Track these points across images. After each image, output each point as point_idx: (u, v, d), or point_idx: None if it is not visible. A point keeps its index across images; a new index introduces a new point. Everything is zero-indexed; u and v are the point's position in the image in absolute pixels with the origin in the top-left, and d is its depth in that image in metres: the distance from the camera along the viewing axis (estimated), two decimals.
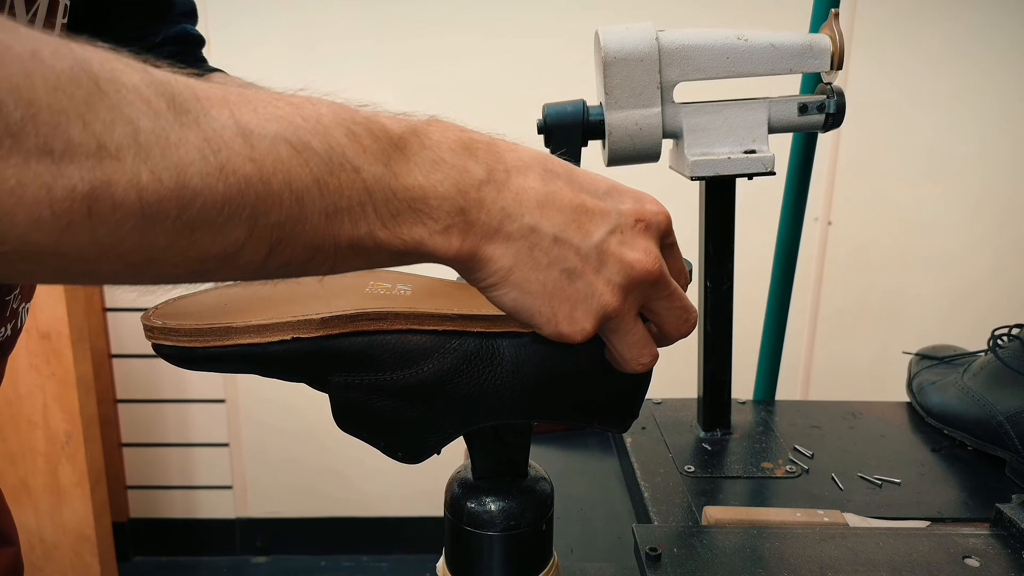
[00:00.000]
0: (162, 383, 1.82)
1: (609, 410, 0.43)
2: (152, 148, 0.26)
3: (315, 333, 0.39)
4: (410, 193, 0.32)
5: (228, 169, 0.28)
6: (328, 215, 0.31)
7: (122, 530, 1.87)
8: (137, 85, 0.27)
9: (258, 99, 0.30)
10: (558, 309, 0.36)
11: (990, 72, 1.59)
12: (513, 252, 0.34)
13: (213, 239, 0.28)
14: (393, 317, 0.40)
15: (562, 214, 0.35)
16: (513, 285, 0.35)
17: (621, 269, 0.36)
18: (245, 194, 0.28)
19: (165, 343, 0.39)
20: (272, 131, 0.29)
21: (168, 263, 0.28)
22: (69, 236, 0.25)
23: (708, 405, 0.76)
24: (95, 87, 0.25)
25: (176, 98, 0.27)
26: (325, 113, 0.31)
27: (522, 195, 0.34)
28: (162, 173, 0.26)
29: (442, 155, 0.33)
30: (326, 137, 0.30)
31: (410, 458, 0.43)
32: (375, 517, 1.91)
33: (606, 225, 0.36)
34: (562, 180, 0.35)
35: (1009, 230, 1.68)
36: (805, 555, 0.54)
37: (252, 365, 0.40)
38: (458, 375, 0.40)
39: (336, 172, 0.30)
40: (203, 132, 0.27)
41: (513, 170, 0.34)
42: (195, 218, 0.27)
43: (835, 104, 0.66)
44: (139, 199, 0.26)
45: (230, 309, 0.40)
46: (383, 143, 0.32)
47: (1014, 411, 0.69)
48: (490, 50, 1.60)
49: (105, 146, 0.25)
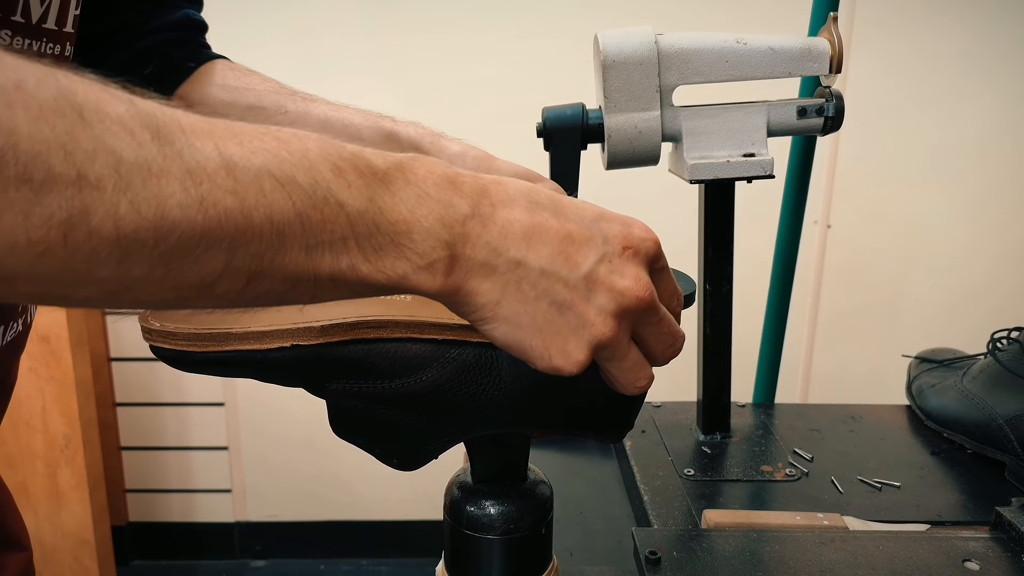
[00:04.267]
0: (161, 387, 1.82)
1: (605, 421, 0.43)
2: (133, 179, 0.26)
3: (315, 341, 0.39)
4: (394, 228, 0.32)
5: (209, 201, 0.28)
6: (309, 248, 0.31)
7: (121, 534, 1.86)
8: (121, 116, 0.27)
9: (244, 132, 0.30)
10: (551, 342, 0.35)
11: (990, 74, 1.60)
12: (500, 286, 0.34)
13: (190, 269, 0.28)
14: (393, 325, 0.40)
15: (549, 246, 0.34)
16: (502, 320, 0.35)
17: (612, 298, 0.35)
18: (224, 226, 0.28)
19: (164, 346, 0.39)
20: (256, 164, 0.29)
21: (144, 291, 0.29)
22: (44, 262, 0.25)
23: (707, 408, 0.76)
24: (78, 117, 0.25)
25: (161, 129, 0.27)
26: (311, 148, 0.31)
27: (508, 228, 0.34)
28: (141, 204, 0.26)
29: (427, 190, 0.33)
30: (311, 172, 0.30)
31: (406, 465, 0.43)
32: (374, 521, 1.91)
33: (594, 254, 0.35)
34: (548, 211, 0.35)
35: (1009, 233, 1.68)
36: (805, 558, 0.54)
37: (250, 370, 0.40)
38: (456, 385, 0.40)
39: (320, 206, 0.30)
40: (186, 164, 0.27)
41: (499, 204, 0.34)
42: (172, 248, 0.27)
43: (834, 107, 0.66)
44: (116, 229, 0.26)
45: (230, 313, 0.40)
46: (368, 178, 0.32)
47: (1014, 414, 0.69)
48: (490, 52, 1.60)
49: (85, 176, 0.25)
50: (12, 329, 0.53)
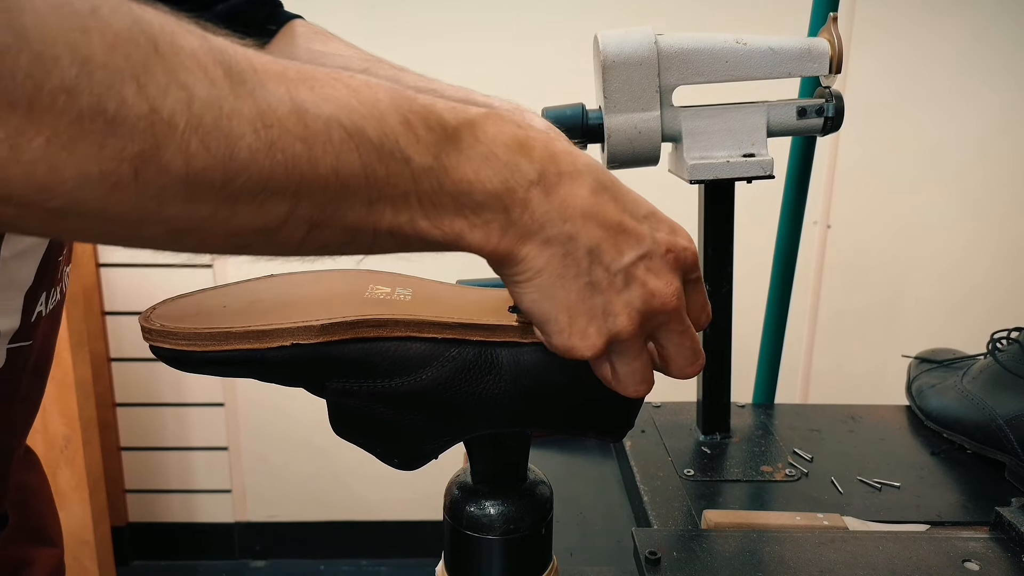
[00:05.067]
0: (161, 387, 1.82)
1: (604, 421, 0.43)
2: (204, 117, 0.26)
3: (315, 340, 0.39)
4: (457, 187, 0.32)
5: (278, 146, 0.27)
6: (372, 201, 0.30)
7: (121, 534, 1.86)
8: (195, 50, 0.26)
9: (316, 77, 0.29)
10: (574, 321, 0.35)
11: (990, 74, 1.60)
12: (547, 256, 0.34)
13: (255, 213, 0.28)
14: (393, 324, 0.40)
15: (602, 229, 0.34)
16: (537, 287, 0.35)
17: (642, 295, 0.36)
18: (291, 173, 0.28)
19: (163, 346, 0.39)
20: (327, 112, 0.29)
21: (209, 232, 0.28)
22: (115, 197, 0.25)
23: (707, 409, 0.76)
24: (153, 49, 0.25)
25: (233, 67, 0.27)
26: (383, 99, 0.31)
27: (568, 202, 0.34)
28: (212, 143, 0.26)
29: (495, 151, 0.33)
30: (380, 124, 0.30)
31: (406, 464, 0.43)
32: (374, 521, 1.91)
33: (639, 249, 0.35)
34: (609, 195, 0.35)
35: (1009, 233, 1.68)
36: (805, 559, 0.54)
37: (250, 369, 0.39)
38: (456, 383, 0.40)
39: (386, 160, 0.30)
40: (257, 105, 0.27)
41: (565, 175, 0.34)
42: (239, 190, 0.27)
43: (834, 108, 0.66)
44: (186, 166, 0.26)
45: (229, 312, 0.40)
46: (437, 134, 0.31)
47: (1013, 414, 0.69)
48: (489, 52, 1.60)
49: (158, 111, 0.25)
50: (52, 297, 0.52)
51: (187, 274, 1.71)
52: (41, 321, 0.52)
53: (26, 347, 0.51)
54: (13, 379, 0.50)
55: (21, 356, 0.50)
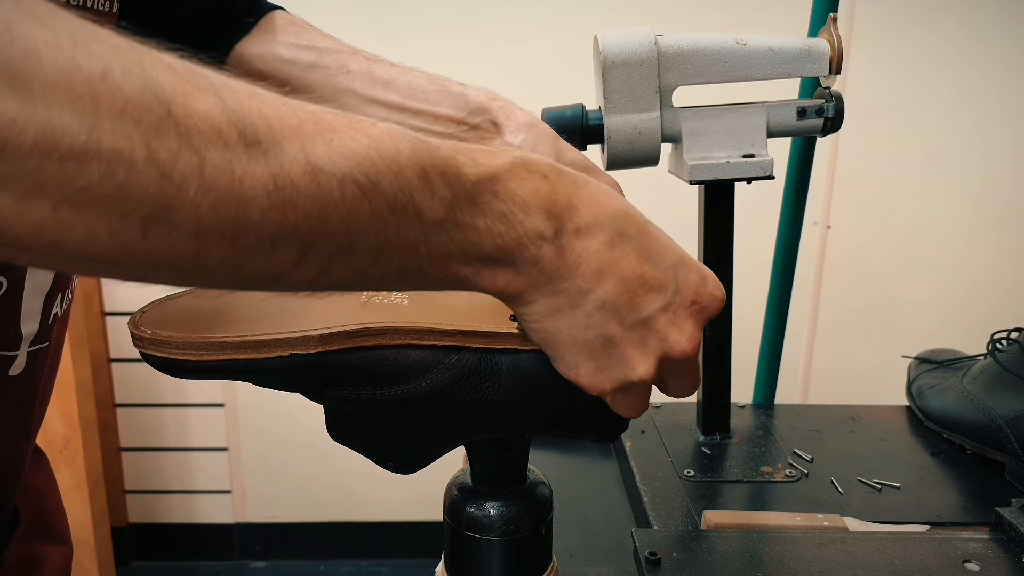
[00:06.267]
0: (161, 387, 1.82)
1: (600, 425, 0.43)
2: (216, 182, 0.26)
3: (314, 349, 0.38)
4: (467, 240, 0.32)
5: (289, 206, 0.27)
6: (380, 251, 0.31)
7: (121, 535, 1.86)
8: (209, 112, 0.26)
9: (335, 128, 0.29)
10: (583, 364, 0.35)
11: (990, 74, 1.60)
12: (555, 306, 0.34)
13: (264, 261, 0.29)
14: (392, 332, 0.40)
15: (619, 284, 0.34)
16: (544, 331, 0.35)
17: (661, 348, 0.35)
18: (300, 228, 0.28)
19: (157, 355, 0.38)
20: (342, 169, 0.29)
21: (219, 277, 0.29)
22: (123, 251, 0.26)
23: (707, 409, 0.76)
24: (165, 113, 0.25)
25: (248, 128, 0.27)
26: (403, 150, 0.30)
27: (583, 259, 0.33)
28: (222, 206, 0.26)
29: (512, 209, 0.32)
30: (398, 178, 0.30)
31: (404, 469, 0.43)
32: (374, 521, 1.91)
33: (661, 300, 0.35)
34: (631, 246, 0.34)
35: (1009, 233, 1.68)
36: (805, 559, 0.54)
37: (247, 377, 0.39)
38: (456, 390, 0.40)
39: (399, 214, 0.30)
40: (270, 168, 0.27)
41: (584, 230, 0.33)
42: (249, 244, 0.28)
43: (833, 108, 0.66)
44: (196, 227, 0.26)
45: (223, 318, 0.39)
46: (455, 190, 0.31)
47: (1013, 415, 0.69)
48: (489, 52, 1.60)
49: (168, 176, 0.25)
50: (65, 299, 0.52)
51: None
52: (56, 322, 0.52)
53: (44, 348, 0.51)
54: (32, 382, 0.51)
55: (39, 358, 0.50)
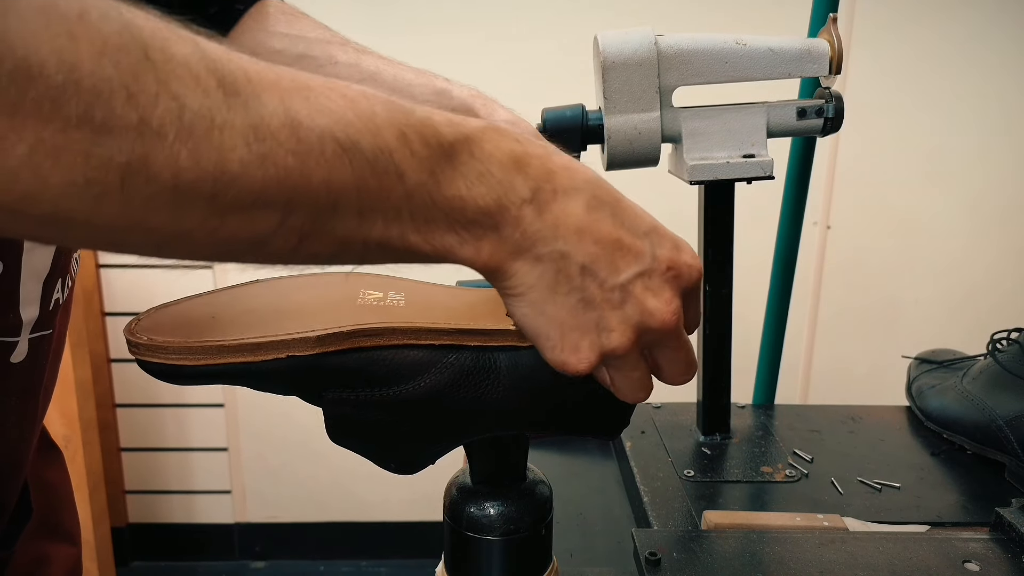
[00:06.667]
0: (161, 388, 1.82)
1: (601, 422, 0.43)
2: (195, 129, 0.25)
3: (312, 351, 0.38)
4: (450, 203, 0.32)
5: (270, 159, 0.27)
6: (362, 214, 0.30)
7: (121, 535, 1.86)
8: (188, 58, 0.26)
9: (311, 87, 0.29)
10: (566, 337, 0.35)
11: (990, 74, 1.60)
12: (538, 272, 0.34)
13: (244, 224, 0.28)
14: (390, 333, 0.40)
15: (597, 246, 0.34)
16: (529, 302, 0.35)
17: (639, 313, 0.35)
18: (282, 186, 0.28)
19: (153, 360, 0.38)
20: (321, 125, 0.28)
21: (196, 242, 0.28)
22: (100, 206, 0.25)
23: (707, 409, 0.76)
24: (143, 56, 0.24)
25: (227, 77, 0.26)
26: (379, 112, 0.30)
27: (562, 220, 0.34)
28: (202, 155, 0.26)
29: (490, 168, 0.32)
30: (376, 138, 0.30)
31: (404, 470, 0.43)
32: (374, 522, 1.91)
33: (638, 266, 0.35)
34: (607, 211, 0.35)
35: (1009, 233, 1.68)
36: (805, 559, 0.54)
37: (244, 381, 0.39)
38: (455, 390, 0.40)
39: (379, 175, 0.30)
40: (250, 117, 0.27)
41: (560, 192, 0.34)
42: (228, 202, 0.27)
43: (833, 108, 0.66)
44: (174, 178, 0.25)
45: (219, 322, 0.39)
46: (433, 149, 0.31)
47: (1013, 415, 0.69)
48: (489, 52, 1.60)
49: (147, 121, 0.24)
50: (66, 285, 0.52)
51: (187, 275, 1.72)
52: (59, 309, 0.51)
53: (47, 336, 0.50)
54: (36, 370, 0.50)
55: (43, 346, 0.50)
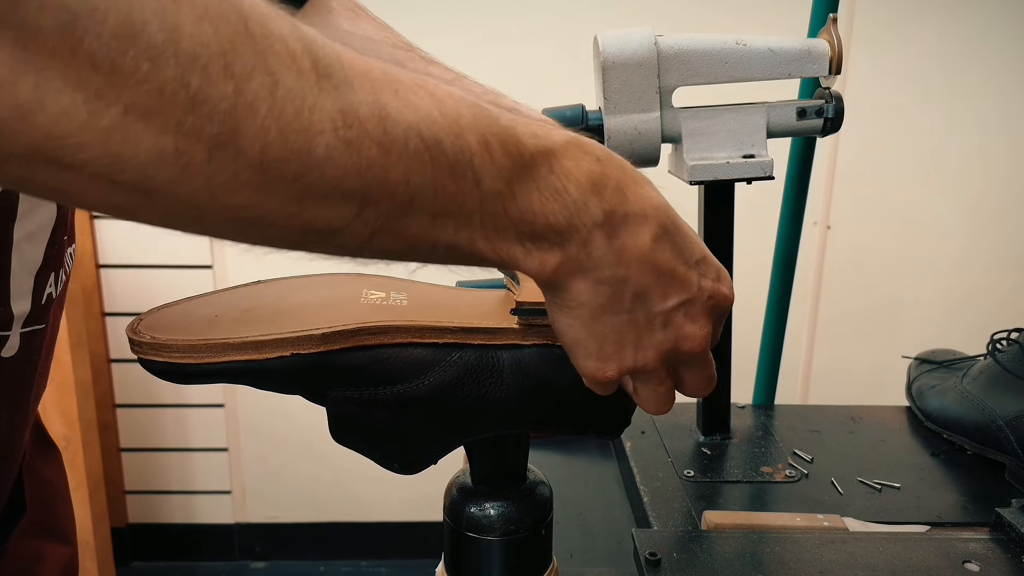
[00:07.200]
0: (161, 388, 1.82)
1: (603, 420, 0.43)
2: (287, 107, 0.25)
3: (316, 349, 0.38)
4: (522, 215, 0.32)
5: (355, 147, 0.27)
6: (435, 216, 0.30)
7: (121, 535, 1.86)
8: (285, 36, 0.25)
9: (401, 81, 0.29)
10: (603, 348, 0.36)
11: (990, 74, 1.60)
12: (595, 293, 0.35)
13: (321, 212, 0.28)
14: (394, 331, 0.40)
15: (654, 275, 0.35)
16: (577, 317, 0.35)
17: (675, 338, 0.37)
18: (363, 176, 0.28)
19: (155, 359, 0.37)
20: (408, 120, 0.28)
21: (273, 225, 0.28)
22: (185, 177, 0.25)
23: (707, 409, 0.76)
24: (243, 27, 0.24)
25: (321, 60, 0.26)
26: (465, 114, 0.30)
27: (629, 246, 0.34)
28: (290, 134, 0.25)
29: (567, 186, 0.32)
30: (459, 140, 0.30)
31: (407, 469, 0.43)
32: (374, 522, 1.91)
33: (684, 294, 0.36)
34: (669, 240, 0.35)
35: (1009, 234, 1.68)
36: (805, 559, 0.54)
37: (248, 379, 0.39)
38: (458, 388, 0.40)
39: (457, 178, 0.30)
40: (340, 103, 0.27)
41: (632, 218, 0.34)
42: (310, 186, 0.27)
43: (833, 108, 0.66)
44: (262, 154, 0.25)
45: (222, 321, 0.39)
46: (513, 159, 0.31)
47: (1013, 415, 0.69)
48: (489, 52, 1.60)
49: (242, 92, 0.24)
50: (59, 279, 0.52)
51: (187, 275, 1.71)
52: (52, 304, 0.51)
53: (39, 331, 0.50)
54: (28, 365, 0.50)
55: (35, 340, 0.50)
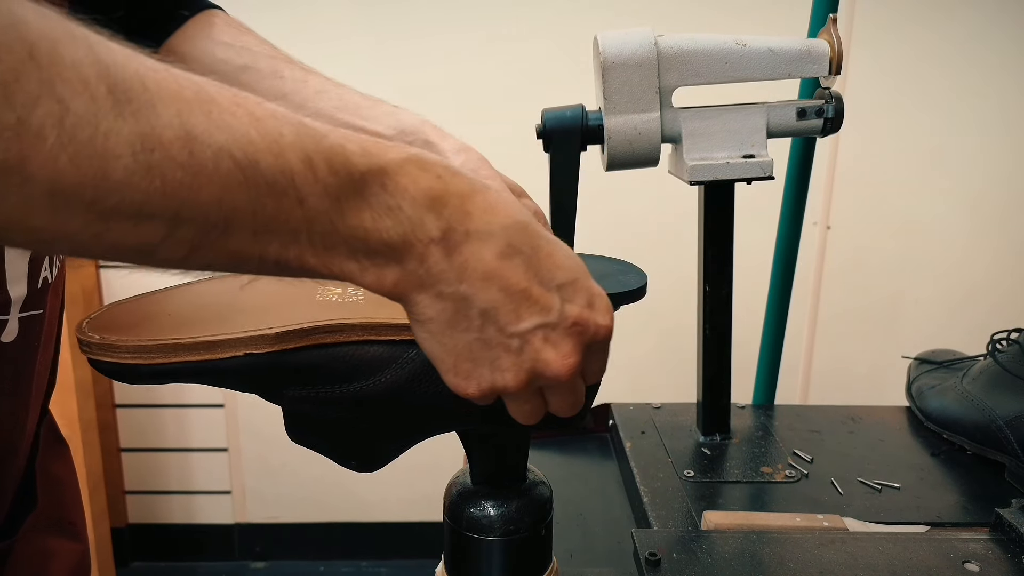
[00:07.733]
0: (161, 388, 1.82)
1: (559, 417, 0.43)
2: (78, 134, 0.25)
3: (270, 348, 0.38)
4: (352, 232, 0.31)
5: (156, 171, 0.26)
6: (256, 233, 0.30)
7: (121, 535, 1.86)
8: (78, 62, 0.25)
9: (216, 100, 0.28)
10: (459, 365, 0.35)
11: (990, 74, 1.60)
12: (439, 308, 0.34)
13: (128, 231, 0.27)
14: (349, 329, 0.39)
15: (502, 293, 0.34)
16: (428, 331, 0.35)
17: (534, 362, 0.35)
18: (169, 199, 0.27)
19: (105, 360, 0.37)
20: (219, 141, 0.28)
21: (82, 244, 0.28)
22: None
23: (707, 409, 0.76)
24: (27, 56, 0.24)
25: (119, 84, 0.26)
26: (286, 133, 0.30)
27: (470, 264, 0.33)
28: (83, 161, 0.25)
29: (401, 203, 0.32)
30: (278, 159, 0.29)
31: (366, 467, 0.43)
32: (374, 522, 1.91)
33: (540, 318, 0.35)
34: (521, 259, 0.34)
35: (1009, 234, 1.68)
36: (805, 560, 0.54)
37: (201, 379, 0.38)
38: (415, 384, 0.40)
39: (277, 197, 0.29)
40: (140, 127, 0.26)
41: (474, 235, 0.33)
42: (110, 209, 0.26)
43: (833, 108, 0.66)
44: (52, 181, 0.25)
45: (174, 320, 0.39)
46: (340, 178, 0.31)
47: (1013, 415, 0.69)
48: (489, 52, 1.60)
49: (26, 122, 0.24)
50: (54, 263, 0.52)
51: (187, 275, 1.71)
52: (48, 288, 0.51)
53: (38, 316, 0.50)
54: (28, 351, 0.50)
55: (34, 326, 0.50)
